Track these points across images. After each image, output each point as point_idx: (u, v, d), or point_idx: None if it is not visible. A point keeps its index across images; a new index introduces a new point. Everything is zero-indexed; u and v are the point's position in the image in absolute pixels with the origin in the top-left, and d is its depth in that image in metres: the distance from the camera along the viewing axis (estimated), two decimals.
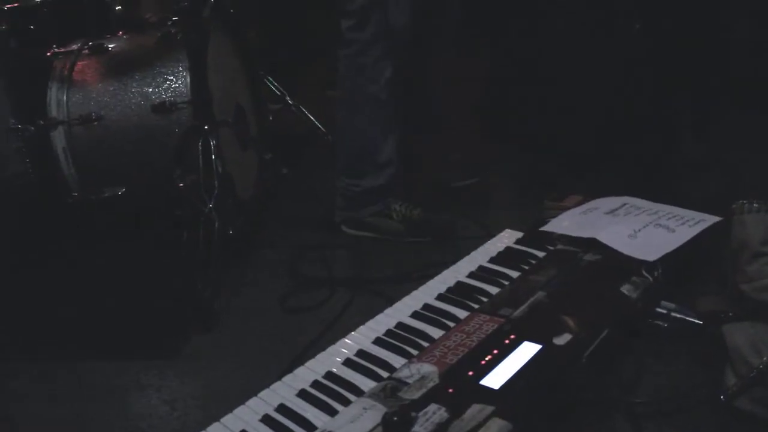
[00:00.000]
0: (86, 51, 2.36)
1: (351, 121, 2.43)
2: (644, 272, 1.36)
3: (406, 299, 1.42)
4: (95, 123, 2.23)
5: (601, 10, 2.65)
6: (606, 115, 2.62)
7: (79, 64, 2.33)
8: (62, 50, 2.37)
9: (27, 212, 2.23)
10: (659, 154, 2.51)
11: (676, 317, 1.38)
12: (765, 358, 1.38)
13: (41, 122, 2.22)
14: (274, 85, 3.32)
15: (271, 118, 3.20)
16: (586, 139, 2.65)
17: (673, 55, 2.54)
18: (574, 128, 2.70)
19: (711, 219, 1.48)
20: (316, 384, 1.18)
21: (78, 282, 2.24)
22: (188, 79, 2.27)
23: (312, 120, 3.32)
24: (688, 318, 1.39)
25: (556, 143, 2.74)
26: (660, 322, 1.37)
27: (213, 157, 2.17)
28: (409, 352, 1.22)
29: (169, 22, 2.48)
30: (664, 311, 1.37)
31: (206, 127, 2.19)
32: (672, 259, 1.39)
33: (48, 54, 2.36)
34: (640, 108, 2.57)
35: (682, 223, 1.46)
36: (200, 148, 2.17)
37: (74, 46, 2.38)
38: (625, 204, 1.61)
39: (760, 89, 2.60)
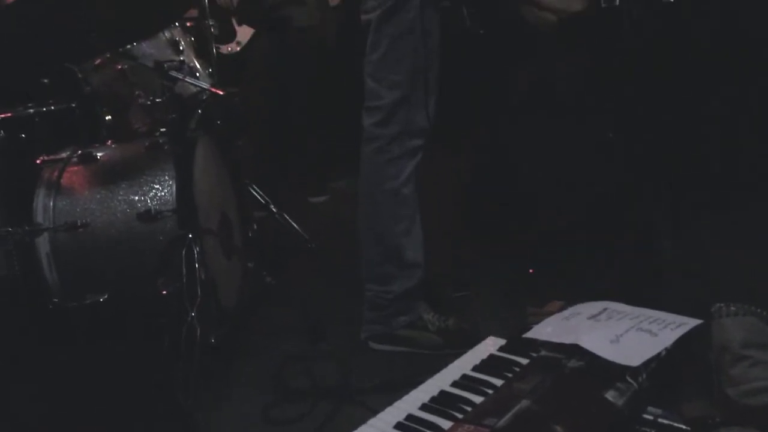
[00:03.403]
0: (75, 159, 2.41)
1: (374, 221, 2.38)
2: (629, 378, 1.35)
3: (389, 410, 1.39)
4: (80, 230, 2.25)
5: (575, 119, 2.75)
6: (585, 221, 2.67)
7: (68, 171, 2.37)
8: (52, 158, 2.42)
9: (10, 315, 2.20)
10: (638, 258, 2.55)
11: (663, 424, 1.36)
12: None
13: (27, 228, 2.23)
14: (258, 193, 3.37)
15: (255, 227, 3.24)
16: (565, 244, 2.68)
17: (648, 161, 2.62)
18: (554, 234, 2.74)
19: (692, 322, 1.49)
20: None
21: (55, 389, 2.19)
22: (174, 188, 2.31)
23: (296, 228, 3.35)
24: (675, 424, 1.37)
25: (536, 249, 2.77)
26: (647, 429, 1.35)
27: (196, 265, 2.18)
28: None
29: (157, 133, 2.54)
30: (651, 418, 1.36)
31: (190, 236, 2.20)
32: (656, 364, 1.38)
33: (38, 162, 2.40)
34: (617, 213, 2.62)
35: (664, 327, 1.46)
36: (184, 255, 2.17)
37: (64, 154, 2.43)
38: (606, 309, 1.62)
39: (733, 189, 2.68)
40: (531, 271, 2.75)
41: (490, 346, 1.61)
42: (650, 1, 2.70)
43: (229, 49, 3.87)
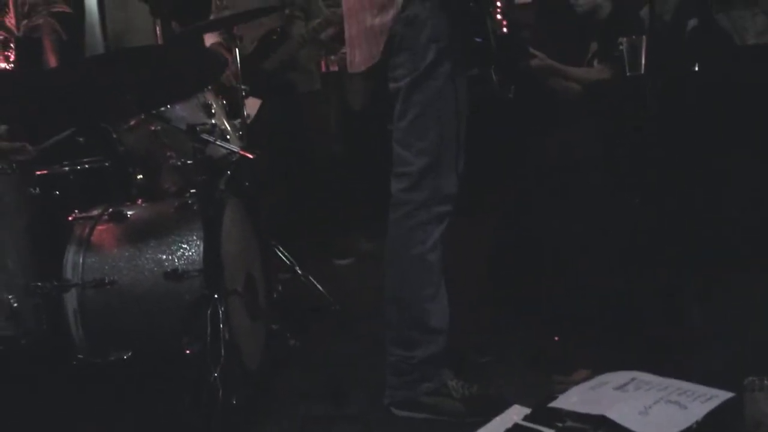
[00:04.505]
0: (106, 217, 2.45)
1: (400, 286, 2.37)
2: None
3: None
4: (108, 287, 2.28)
5: (601, 185, 2.75)
6: (611, 287, 2.64)
7: (98, 229, 2.41)
8: (83, 215, 2.47)
9: (35, 369, 2.21)
10: (666, 326, 2.51)
11: None
12: None
13: (55, 283, 2.26)
14: (284, 255, 3.38)
15: (280, 288, 3.24)
16: (591, 311, 2.65)
17: (675, 225, 2.60)
18: (579, 300, 2.71)
19: (724, 395, 1.45)
20: None
21: None
22: (201, 249, 2.33)
23: (320, 290, 3.35)
24: None
25: (562, 315, 2.74)
26: None
27: (221, 325, 2.18)
28: None
29: (187, 194, 2.58)
30: None
31: (216, 296, 2.21)
32: None
33: (70, 218, 2.45)
34: (645, 279, 2.59)
35: (694, 399, 1.43)
36: (209, 316, 2.18)
37: (95, 212, 2.48)
38: (634, 379, 1.59)
39: (760, 260, 2.64)
40: (556, 338, 2.71)
41: (515, 415, 1.59)
42: (676, 70, 2.73)
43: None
